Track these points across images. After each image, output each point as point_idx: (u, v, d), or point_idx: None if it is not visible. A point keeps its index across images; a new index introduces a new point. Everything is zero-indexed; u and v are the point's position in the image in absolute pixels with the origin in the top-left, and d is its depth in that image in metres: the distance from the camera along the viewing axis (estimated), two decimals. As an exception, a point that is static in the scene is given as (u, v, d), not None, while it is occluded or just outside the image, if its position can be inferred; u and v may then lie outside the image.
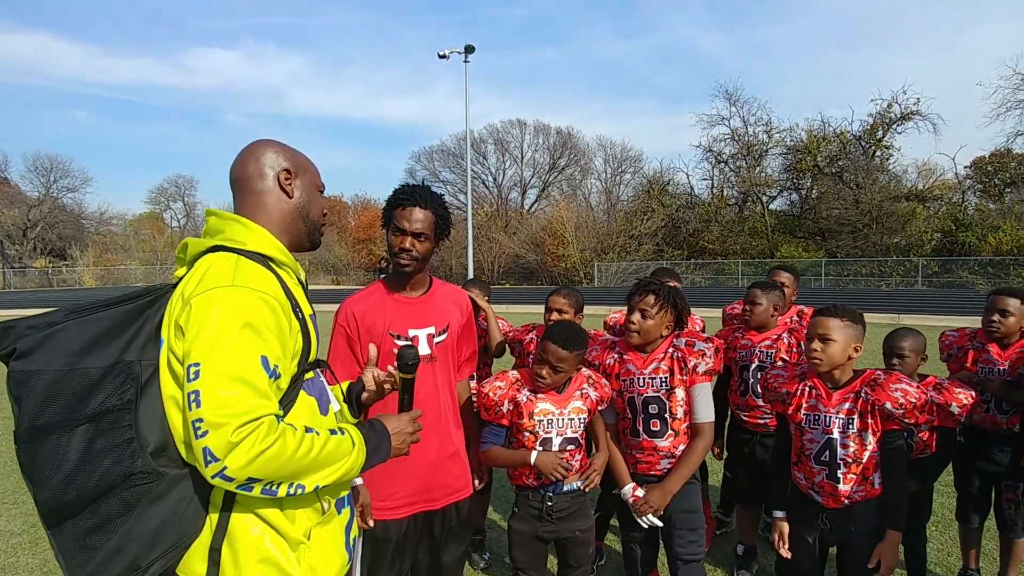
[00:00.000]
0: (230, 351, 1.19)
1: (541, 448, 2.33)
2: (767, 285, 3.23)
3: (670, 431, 2.41)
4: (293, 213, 1.49)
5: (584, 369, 2.47)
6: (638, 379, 2.43)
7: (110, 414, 1.21)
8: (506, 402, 2.34)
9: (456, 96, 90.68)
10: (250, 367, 1.20)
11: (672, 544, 2.45)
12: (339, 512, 1.48)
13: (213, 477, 1.16)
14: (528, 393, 2.35)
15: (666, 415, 2.41)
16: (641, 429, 2.44)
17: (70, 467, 1.17)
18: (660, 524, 2.43)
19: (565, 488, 2.38)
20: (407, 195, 2.12)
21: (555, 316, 2.91)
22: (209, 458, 1.14)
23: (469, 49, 22.42)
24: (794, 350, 3.10)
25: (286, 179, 1.48)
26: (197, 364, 1.18)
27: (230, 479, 1.16)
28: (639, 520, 2.43)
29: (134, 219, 56.35)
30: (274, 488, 1.22)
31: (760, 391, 2.73)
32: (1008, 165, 32.90)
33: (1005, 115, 31.90)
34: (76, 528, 1.19)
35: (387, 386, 1.71)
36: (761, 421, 3.16)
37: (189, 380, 1.18)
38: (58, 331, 1.20)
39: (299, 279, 1.51)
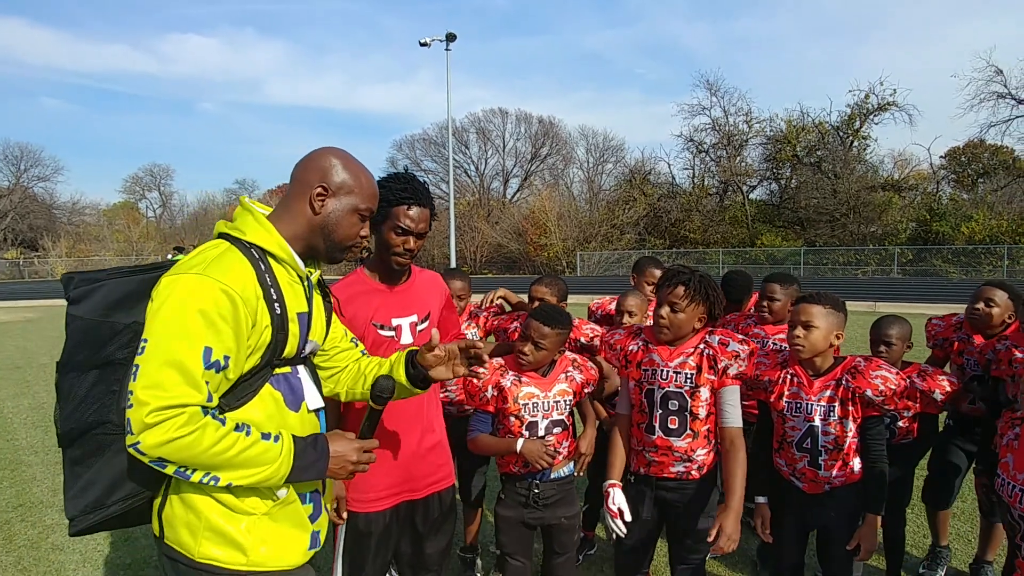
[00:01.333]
0: (174, 335, 1.25)
1: (528, 434, 2.32)
2: (784, 278, 3.17)
3: (688, 431, 2.22)
4: (314, 227, 1.51)
5: (569, 353, 2.48)
6: (661, 371, 2.24)
7: (112, 365, 1.40)
8: (490, 388, 2.33)
9: (438, 85, 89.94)
10: (188, 354, 1.25)
11: (679, 549, 2.35)
12: (304, 502, 1.53)
13: (129, 447, 1.25)
14: (512, 377, 2.35)
15: (686, 413, 2.22)
16: (657, 426, 2.25)
17: (76, 402, 1.39)
18: (628, 518, 2.28)
19: (552, 475, 2.38)
20: (409, 192, 2.04)
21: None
22: (128, 429, 1.24)
23: (451, 37, 22.19)
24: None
25: (318, 195, 1.49)
26: (145, 340, 1.27)
27: (143, 454, 1.24)
28: (612, 524, 2.27)
29: (108, 209, 55.23)
30: (187, 473, 1.29)
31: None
32: (981, 156, 33.58)
33: (979, 107, 32.80)
34: (71, 454, 1.41)
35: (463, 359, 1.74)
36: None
37: (137, 354, 1.27)
38: (101, 286, 1.43)
39: (304, 277, 1.53)
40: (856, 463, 2.30)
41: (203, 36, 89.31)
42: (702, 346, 2.23)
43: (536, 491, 2.37)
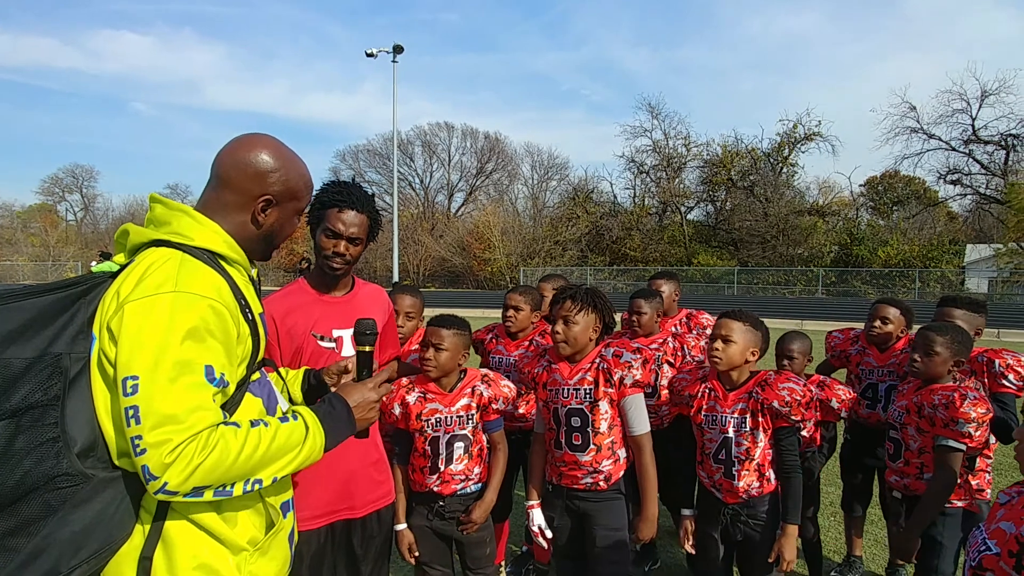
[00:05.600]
0: (171, 364, 1.14)
1: (429, 450, 2.33)
2: (649, 293, 3.33)
3: (592, 446, 2.32)
4: (255, 237, 1.41)
5: (483, 369, 2.51)
6: (563, 390, 2.35)
7: (33, 410, 1.13)
8: (396, 405, 2.35)
9: (384, 96, 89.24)
10: (192, 379, 1.16)
11: (594, 563, 2.37)
12: (284, 516, 1.44)
13: (157, 493, 1.14)
14: (418, 395, 2.36)
15: (588, 429, 2.32)
16: (564, 442, 2.36)
17: None
18: (549, 535, 2.45)
19: (458, 491, 2.39)
20: (343, 196, 2.02)
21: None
22: (148, 476, 1.12)
23: (397, 49, 22.10)
24: (678, 353, 3.21)
25: (262, 208, 1.37)
26: (135, 377, 1.12)
27: (174, 492, 1.14)
28: (537, 539, 2.47)
29: (23, 211, 51.59)
30: (228, 489, 1.19)
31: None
32: (896, 185, 36.18)
33: (894, 140, 35.19)
34: None
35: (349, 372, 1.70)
36: None
37: (126, 394, 1.13)
38: None
39: (250, 276, 1.44)
40: (772, 474, 2.39)
41: (137, 34, 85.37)
42: (598, 360, 2.34)
43: (440, 504, 2.39)
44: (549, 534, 2.46)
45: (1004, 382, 2.69)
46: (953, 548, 2.47)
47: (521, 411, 2.86)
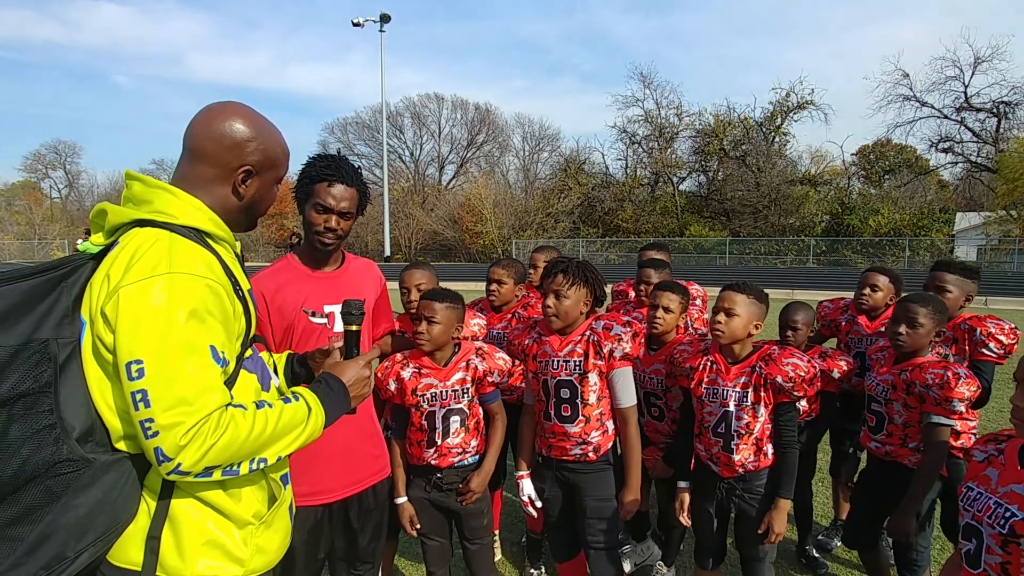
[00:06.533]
0: (177, 346, 1.13)
1: (425, 424, 2.34)
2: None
3: (580, 417, 2.34)
4: (237, 209, 1.39)
5: (477, 342, 2.51)
6: (553, 361, 2.36)
7: (25, 398, 1.11)
8: (391, 381, 2.35)
9: (371, 67, 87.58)
10: (199, 361, 1.16)
11: (583, 532, 2.42)
12: (284, 488, 1.47)
13: (169, 474, 1.15)
14: (412, 369, 2.35)
15: (577, 400, 2.34)
16: (553, 413, 2.38)
17: None
18: (539, 505, 2.50)
19: (455, 464, 2.41)
20: (332, 170, 1.99)
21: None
22: (162, 458, 1.13)
23: (385, 18, 21.67)
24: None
25: (243, 179, 1.35)
26: (140, 361, 1.11)
27: (187, 473, 1.15)
28: (527, 509, 2.52)
29: (6, 188, 50.76)
30: (235, 468, 1.21)
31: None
32: (888, 154, 36.13)
33: (886, 107, 34.88)
34: None
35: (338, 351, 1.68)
36: None
37: (132, 378, 1.12)
38: None
39: (235, 252, 1.42)
40: (770, 449, 2.38)
41: (118, 4, 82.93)
42: (588, 332, 2.34)
43: (438, 476, 2.41)
44: (539, 504, 2.50)
45: (984, 350, 2.71)
46: (931, 512, 2.53)
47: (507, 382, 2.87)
